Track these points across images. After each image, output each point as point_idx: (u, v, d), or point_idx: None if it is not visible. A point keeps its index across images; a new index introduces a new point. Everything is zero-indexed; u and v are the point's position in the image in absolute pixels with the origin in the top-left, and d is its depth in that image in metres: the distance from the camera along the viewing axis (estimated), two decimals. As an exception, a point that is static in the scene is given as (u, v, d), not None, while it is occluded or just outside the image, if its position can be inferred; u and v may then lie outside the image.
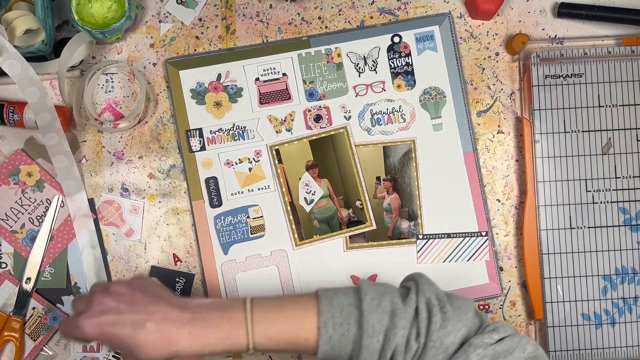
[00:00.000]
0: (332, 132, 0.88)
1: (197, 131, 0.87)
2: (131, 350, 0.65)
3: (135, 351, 0.65)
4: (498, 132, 0.89)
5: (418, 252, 0.87)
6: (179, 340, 0.65)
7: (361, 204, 0.87)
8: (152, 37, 0.88)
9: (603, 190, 0.86)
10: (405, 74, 0.88)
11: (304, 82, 0.88)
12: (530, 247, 0.86)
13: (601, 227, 0.86)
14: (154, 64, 0.88)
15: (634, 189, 0.86)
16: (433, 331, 0.64)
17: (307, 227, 0.87)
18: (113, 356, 0.86)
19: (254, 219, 0.87)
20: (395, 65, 0.88)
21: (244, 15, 0.89)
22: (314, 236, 0.87)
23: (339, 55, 0.88)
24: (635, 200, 0.86)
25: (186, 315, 0.66)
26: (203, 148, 0.87)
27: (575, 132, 0.86)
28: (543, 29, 0.90)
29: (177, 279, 0.87)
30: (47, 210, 0.86)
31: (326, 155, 0.87)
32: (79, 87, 0.86)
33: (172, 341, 0.65)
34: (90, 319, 0.66)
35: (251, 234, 0.87)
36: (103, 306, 0.67)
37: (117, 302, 0.67)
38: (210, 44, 0.88)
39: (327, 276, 0.87)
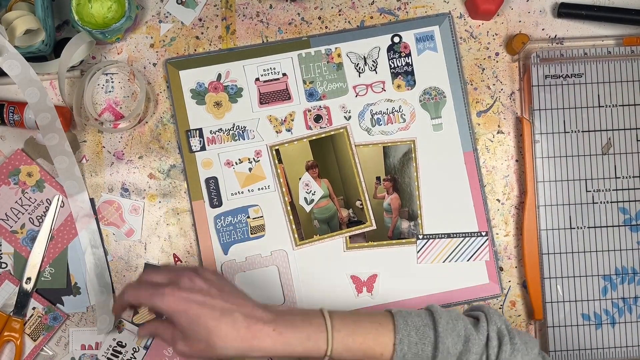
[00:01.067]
0: (332, 132, 0.88)
1: (197, 131, 0.87)
2: (211, 335, 0.65)
3: (214, 337, 0.65)
4: (498, 132, 0.89)
5: (418, 252, 0.87)
6: (263, 337, 0.66)
7: (361, 204, 0.87)
8: (152, 37, 0.88)
9: (603, 190, 0.86)
10: (405, 74, 0.88)
11: (304, 82, 0.88)
12: (530, 247, 0.86)
13: (601, 227, 0.86)
14: (154, 64, 0.88)
15: (634, 189, 0.86)
16: (502, 359, 0.67)
17: (307, 227, 0.87)
18: (112, 354, 0.86)
19: (254, 219, 0.87)
20: (395, 66, 0.88)
21: (244, 16, 0.89)
22: (314, 236, 0.87)
23: (339, 55, 0.88)
24: (635, 200, 0.86)
25: (270, 315, 0.68)
26: (203, 148, 0.87)
27: (575, 132, 0.86)
28: (543, 29, 0.90)
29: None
30: (47, 210, 0.86)
31: (326, 155, 0.87)
32: (79, 87, 0.86)
33: (256, 335, 0.66)
34: (180, 292, 0.66)
35: (251, 234, 0.87)
36: (194, 284, 0.67)
37: (207, 285, 0.68)
38: (210, 44, 0.88)
39: (327, 276, 0.87)
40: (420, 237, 0.87)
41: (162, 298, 0.66)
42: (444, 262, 0.87)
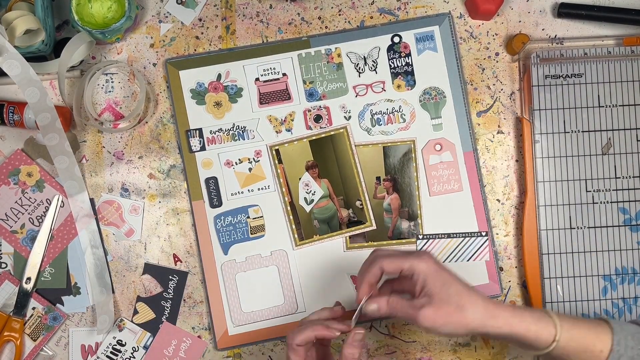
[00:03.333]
0: (332, 132, 0.88)
1: (197, 131, 0.87)
2: (463, 297, 0.68)
3: (466, 300, 0.68)
4: (498, 132, 0.89)
5: (418, 252, 0.87)
6: (502, 312, 0.69)
7: (361, 204, 0.87)
8: (152, 37, 0.88)
9: (603, 190, 0.86)
10: (405, 74, 0.88)
11: (304, 82, 0.88)
12: (530, 247, 0.86)
13: (601, 227, 0.86)
14: (154, 64, 0.88)
15: (634, 189, 0.86)
16: None
17: (307, 227, 0.87)
18: (111, 352, 0.86)
19: (254, 219, 0.87)
20: (395, 66, 0.88)
21: (244, 16, 0.89)
22: (314, 236, 0.87)
23: (339, 55, 0.88)
24: (635, 200, 0.86)
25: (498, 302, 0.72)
26: (203, 148, 0.87)
27: (575, 132, 0.86)
28: (543, 29, 0.90)
29: (170, 277, 0.87)
30: (47, 210, 0.86)
31: (326, 155, 0.87)
32: (79, 87, 0.86)
33: (497, 309, 0.69)
34: (433, 258, 0.70)
35: (251, 234, 0.87)
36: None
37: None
38: (210, 44, 0.88)
39: (327, 276, 0.87)
40: (420, 237, 0.87)
41: (420, 259, 0.69)
42: (444, 262, 0.87)
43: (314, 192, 0.87)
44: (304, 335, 0.70)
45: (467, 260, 0.87)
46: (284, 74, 0.88)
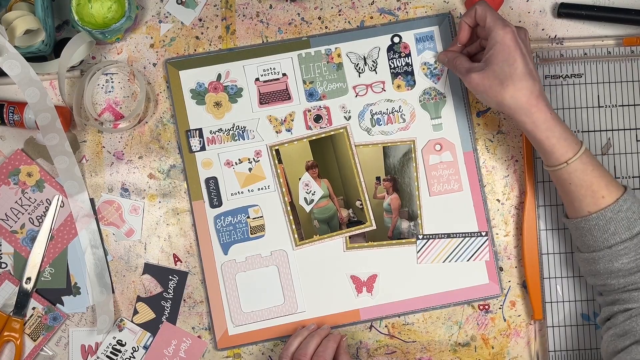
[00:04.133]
0: (332, 132, 0.88)
1: (197, 131, 0.87)
2: (510, 79, 0.74)
3: (511, 83, 0.74)
4: (498, 132, 0.89)
5: (418, 252, 0.87)
6: (542, 111, 0.74)
7: (361, 204, 0.87)
8: (152, 37, 0.88)
9: (603, 191, 0.86)
10: (405, 74, 0.88)
11: (304, 82, 0.88)
12: (530, 247, 0.86)
13: (601, 227, 0.86)
14: (154, 64, 0.88)
15: (634, 189, 0.86)
16: None
17: (307, 227, 0.87)
18: (111, 352, 0.86)
19: (254, 219, 0.87)
20: (395, 66, 0.88)
21: (244, 16, 0.89)
22: (314, 236, 0.87)
23: (339, 55, 0.88)
24: (635, 201, 0.86)
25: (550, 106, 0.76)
26: (203, 148, 0.87)
27: (575, 132, 0.86)
28: (543, 29, 0.90)
29: (170, 277, 0.87)
30: (47, 210, 0.86)
31: (326, 155, 0.87)
32: (79, 87, 0.86)
33: (538, 106, 0.74)
34: (516, 34, 0.75)
35: (251, 234, 0.87)
36: (524, 37, 0.78)
37: (527, 48, 0.76)
38: (210, 44, 0.88)
39: (327, 276, 0.87)
40: (420, 237, 0.87)
41: (505, 29, 0.75)
42: (444, 262, 0.87)
43: (314, 192, 0.87)
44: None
45: (467, 260, 0.87)
46: (284, 74, 0.88)
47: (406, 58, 0.88)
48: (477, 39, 0.82)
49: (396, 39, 0.88)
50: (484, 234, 0.87)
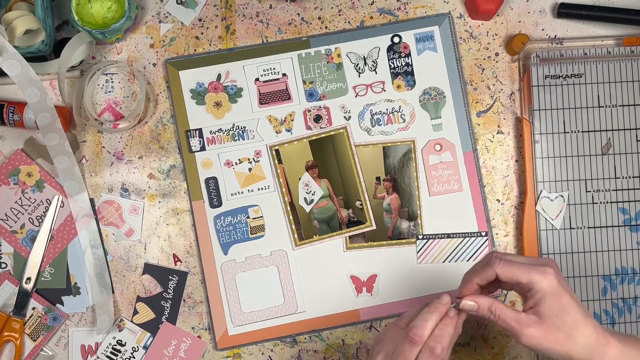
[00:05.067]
0: (332, 132, 0.88)
1: (197, 131, 0.87)
2: (577, 329, 0.64)
3: (578, 332, 0.64)
4: (498, 133, 0.89)
5: (418, 252, 0.87)
6: (613, 346, 0.65)
7: (361, 204, 0.87)
8: (152, 37, 0.88)
9: (603, 191, 0.86)
10: (405, 74, 0.88)
11: (304, 82, 0.88)
12: (530, 247, 0.86)
13: (601, 227, 0.86)
14: (154, 64, 0.88)
15: (634, 189, 0.86)
16: None
17: (307, 227, 0.87)
18: (111, 352, 0.86)
19: (254, 219, 0.87)
20: (395, 66, 0.88)
21: (243, 16, 0.89)
22: (314, 236, 0.87)
23: (338, 55, 0.88)
24: (635, 201, 0.86)
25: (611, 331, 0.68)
26: (203, 148, 0.87)
27: (575, 132, 0.86)
28: (543, 29, 0.90)
29: (170, 277, 0.87)
30: (47, 210, 0.86)
31: (326, 155, 0.87)
32: (79, 87, 0.86)
33: (608, 343, 0.65)
34: (558, 275, 0.65)
35: (251, 234, 0.87)
36: (561, 275, 0.66)
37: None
38: (210, 44, 0.88)
39: (327, 276, 0.87)
40: (420, 237, 0.87)
41: (543, 274, 0.64)
42: (443, 262, 0.87)
43: (314, 192, 0.87)
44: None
45: (467, 260, 0.87)
46: (284, 74, 0.88)
47: (406, 58, 0.88)
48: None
49: (396, 39, 0.88)
50: (484, 234, 0.87)
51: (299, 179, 0.87)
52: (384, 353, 0.66)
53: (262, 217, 0.87)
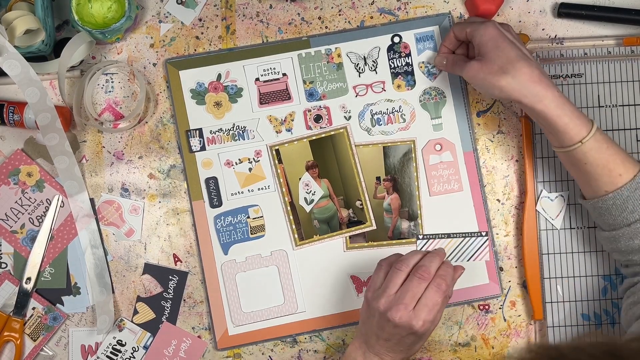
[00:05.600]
0: (332, 132, 0.88)
1: (197, 131, 0.87)
2: (509, 64, 0.75)
3: (511, 66, 0.75)
4: (498, 132, 0.89)
5: (418, 252, 0.87)
6: (548, 89, 0.74)
7: (361, 204, 0.87)
8: (152, 37, 0.88)
9: (603, 191, 0.86)
10: (405, 74, 0.88)
11: (304, 82, 0.88)
12: (530, 247, 0.86)
13: (601, 227, 0.86)
14: (154, 64, 0.88)
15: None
16: None
17: (307, 227, 0.87)
18: (111, 352, 0.86)
19: (254, 219, 0.87)
20: (395, 66, 0.88)
21: (244, 16, 0.89)
22: (314, 236, 0.87)
23: (339, 55, 0.88)
24: (635, 201, 0.86)
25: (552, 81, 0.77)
26: (203, 148, 0.87)
27: (575, 132, 0.86)
28: (543, 29, 0.90)
29: (170, 277, 0.87)
30: (47, 210, 0.86)
31: (326, 155, 0.87)
32: (79, 87, 0.86)
33: (543, 85, 0.74)
34: (496, 29, 0.78)
35: (251, 234, 0.87)
36: (508, 29, 0.80)
37: (513, 37, 0.80)
38: (210, 44, 0.88)
39: (327, 276, 0.87)
40: (420, 237, 0.87)
41: (485, 24, 0.78)
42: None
43: (314, 192, 0.87)
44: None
45: (467, 260, 0.87)
46: (284, 74, 0.88)
47: (406, 58, 0.88)
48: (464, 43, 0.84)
49: (396, 39, 0.88)
50: (484, 234, 0.87)
51: (299, 178, 0.87)
52: (385, 295, 0.74)
53: (262, 217, 0.87)
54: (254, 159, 0.87)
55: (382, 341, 0.75)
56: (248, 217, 0.87)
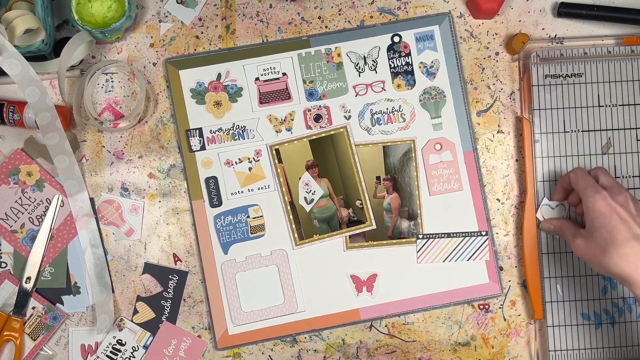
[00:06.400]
0: (332, 132, 0.88)
1: (197, 131, 0.87)
2: (612, 246, 0.73)
3: (613, 249, 0.73)
4: (498, 132, 0.89)
5: (418, 251, 0.87)
6: None
7: (361, 204, 0.87)
8: (152, 37, 0.88)
9: (603, 190, 0.86)
10: (405, 73, 0.88)
11: (304, 81, 0.88)
12: (530, 247, 0.86)
13: (601, 226, 0.86)
14: (154, 64, 0.88)
15: (634, 188, 0.86)
16: None
17: (307, 226, 0.87)
18: (111, 352, 0.86)
19: (254, 218, 0.87)
20: (395, 65, 0.88)
21: (244, 15, 0.89)
22: (314, 236, 0.87)
23: (339, 55, 0.88)
24: (635, 200, 0.86)
25: None
26: (203, 148, 0.87)
27: (575, 132, 0.86)
28: (543, 29, 0.90)
29: (170, 276, 0.87)
30: (47, 209, 0.86)
31: (326, 154, 0.87)
32: (79, 87, 0.86)
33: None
34: (611, 200, 0.75)
35: (251, 233, 0.87)
36: (627, 203, 0.75)
37: (637, 212, 0.75)
38: (210, 44, 0.88)
39: (327, 276, 0.87)
40: (420, 236, 0.87)
41: (594, 196, 0.76)
42: (443, 261, 0.87)
43: (314, 191, 0.87)
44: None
45: (467, 260, 0.87)
46: (284, 74, 0.88)
47: (406, 57, 0.88)
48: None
49: (396, 39, 0.88)
50: (484, 233, 0.87)
51: (299, 178, 0.87)
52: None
53: (262, 216, 0.87)
54: (253, 158, 0.87)
55: None
56: (248, 217, 0.87)
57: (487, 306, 0.88)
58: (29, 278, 0.85)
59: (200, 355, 0.87)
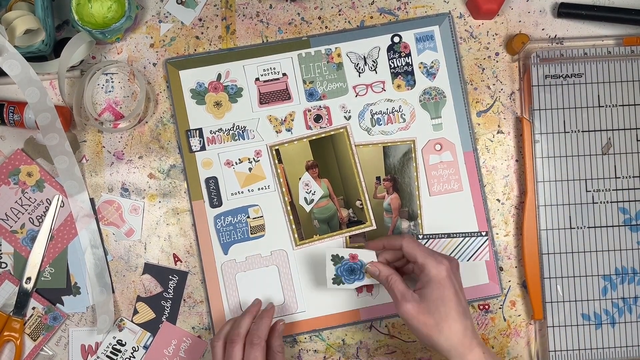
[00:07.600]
0: (332, 132, 0.88)
1: (197, 131, 0.87)
2: (445, 321, 0.71)
3: (446, 325, 0.71)
4: (498, 132, 0.89)
5: (418, 252, 0.87)
6: (475, 354, 0.72)
7: (361, 204, 0.87)
8: (152, 37, 0.88)
9: (603, 190, 0.86)
10: (405, 74, 0.88)
11: (304, 82, 0.88)
12: (530, 247, 0.86)
13: (601, 227, 0.86)
14: (154, 64, 0.88)
15: (634, 189, 0.86)
16: None
17: (307, 227, 0.87)
18: (111, 352, 0.86)
19: (254, 219, 0.87)
20: (395, 65, 0.88)
21: (244, 15, 0.89)
22: (314, 236, 0.87)
23: (339, 55, 0.88)
24: (635, 200, 0.86)
25: (483, 344, 0.74)
26: (203, 148, 0.87)
27: (575, 132, 0.86)
28: (543, 29, 0.90)
29: (170, 277, 0.87)
30: (47, 210, 0.86)
31: (326, 155, 0.87)
32: (79, 87, 0.86)
33: (472, 349, 0.72)
34: (453, 270, 0.74)
35: (251, 234, 0.87)
36: (458, 275, 0.76)
37: (461, 285, 0.75)
38: (210, 44, 0.88)
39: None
40: (420, 237, 0.87)
41: (441, 261, 0.73)
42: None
43: (314, 191, 0.87)
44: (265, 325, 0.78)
45: (467, 260, 0.87)
46: (284, 74, 0.88)
47: (406, 58, 0.88)
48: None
49: (396, 39, 0.88)
50: (484, 233, 0.87)
51: (299, 178, 0.87)
52: None
53: (262, 217, 0.87)
54: (254, 158, 0.87)
55: None
56: (248, 217, 0.87)
57: (487, 306, 0.88)
58: (29, 278, 0.86)
59: (200, 356, 0.87)
